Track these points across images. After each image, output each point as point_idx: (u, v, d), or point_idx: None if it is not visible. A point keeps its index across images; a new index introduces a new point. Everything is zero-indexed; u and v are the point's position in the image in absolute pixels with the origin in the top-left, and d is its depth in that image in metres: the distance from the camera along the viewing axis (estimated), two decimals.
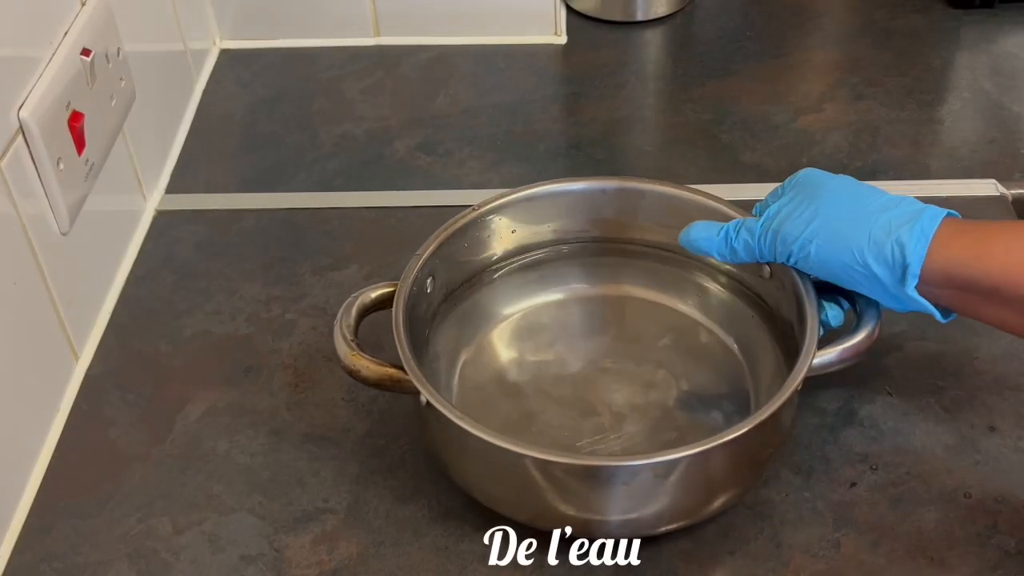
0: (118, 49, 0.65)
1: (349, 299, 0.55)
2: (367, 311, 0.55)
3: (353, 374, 0.53)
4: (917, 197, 0.53)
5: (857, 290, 0.53)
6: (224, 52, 0.86)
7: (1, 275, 0.54)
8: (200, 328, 0.64)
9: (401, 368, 0.52)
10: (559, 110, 0.80)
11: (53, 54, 0.58)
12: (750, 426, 0.48)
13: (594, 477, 0.50)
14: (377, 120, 0.79)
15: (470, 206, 0.60)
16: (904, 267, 0.50)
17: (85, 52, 0.61)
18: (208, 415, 0.60)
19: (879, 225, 0.50)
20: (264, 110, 0.81)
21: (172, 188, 0.74)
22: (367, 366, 0.52)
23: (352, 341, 0.53)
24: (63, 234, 0.60)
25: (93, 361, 0.63)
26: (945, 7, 0.88)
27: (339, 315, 0.54)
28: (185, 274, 0.68)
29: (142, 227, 0.71)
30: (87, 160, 0.61)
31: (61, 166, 0.58)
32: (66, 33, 0.60)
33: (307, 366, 0.62)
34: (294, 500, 0.55)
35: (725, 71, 0.83)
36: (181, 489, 0.56)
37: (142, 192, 0.71)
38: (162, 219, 0.72)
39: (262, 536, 0.54)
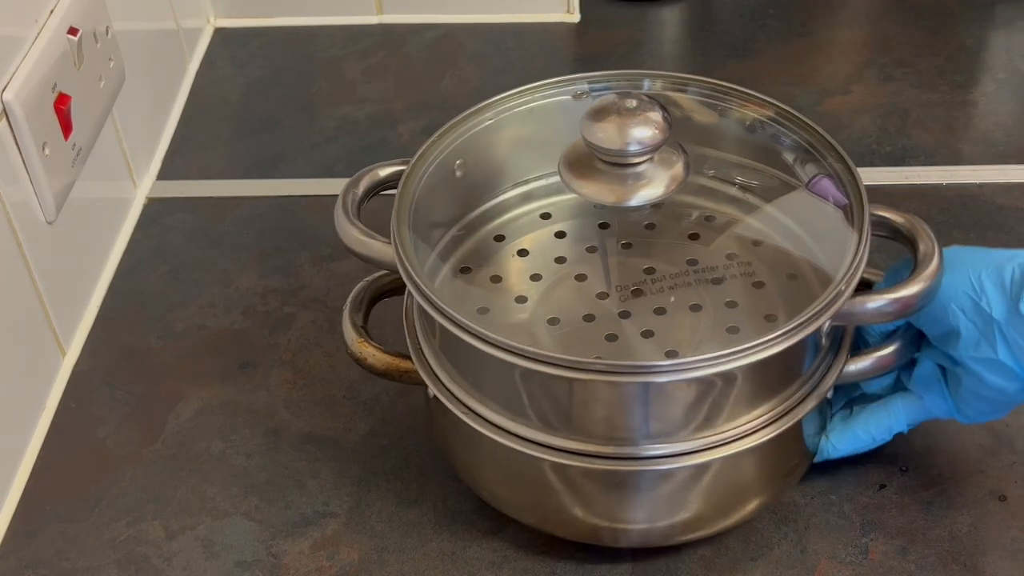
0: (107, 28, 0.65)
1: (359, 285, 0.53)
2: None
3: (360, 362, 0.51)
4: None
5: (945, 333, 0.48)
6: (218, 31, 0.86)
7: None
8: (193, 322, 0.64)
9: (408, 357, 0.50)
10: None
11: (38, 33, 0.58)
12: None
13: (617, 481, 0.47)
14: (380, 103, 0.78)
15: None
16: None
17: (72, 31, 0.60)
18: (202, 414, 0.59)
19: (1003, 255, 0.47)
20: (260, 92, 0.80)
21: (164, 174, 0.74)
22: (373, 354, 0.51)
23: (360, 327, 0.52)
24: (49, 223, 0.59)
25: (81, 357, 0.62)
26: None
27: (348, 302, 0.53)
28: (177, 265, 0.67)
29: (132, 215, 0.70)
30: (74, 145, 0.61)
31: (47, 151, 0.57)
32: (52, 11, 0.59)
33: (306, 362, 0.61)
34: (292, 503, 0.54)
35: (747, 51, 0.82)
36: (173, 492, 0.55)
37: (132, 178, 0.71)
38: (153, 207, 0.71)
39: (259, 541, 0.53)
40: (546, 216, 0.57)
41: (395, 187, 0.52)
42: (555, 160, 0.50)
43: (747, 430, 0.47)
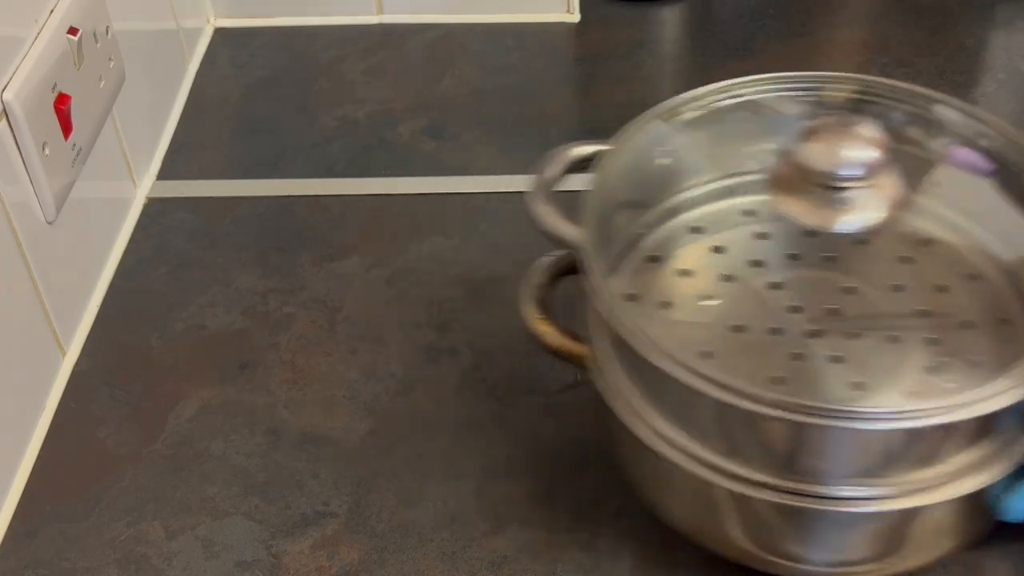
0: (107, 28, 0.65)
1: (545, 260, 0.51)
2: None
3: (534, 338, 0.50)
4: None
5: None
6: (219, 31, 0.86)
7: None
8: (193, 322, 0.64)
9: (580, 340, 0.49)
10: (572, 92, 0.80)
11: (38, 33, 0.58)
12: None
13: (773, 510, 0.45)
14: (380, 102, 0.78)
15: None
16: None
17: (72, 31, 0.60)
18: (202, 413, 0.59)
19: None
20: (261, 92, 0.80)
21: (164, 174, 0.74)
22: (549, 331, 0.49)
23: (539, 305, 0.50)
24: (49, 223, 0.59)
25: (80, 356, 0.62)
26: None
27: (530, 277, 0.51)
28: (177, 265, 0.67)
29: (132, 215, 0.70)
30: (74, 145, 0.60)
31: (47, 151, 0.57)
32: (52, 11, 0.59)
33: (306, 362, 0.61)
34: (292, 503, 0.54)
35: (747, 50, 0.82)
36: (173, 492, 0.55)
37: (132, 178, 0.71)
38: (153, 207, 0.71)
39: (259, 541, 0.53)
40: (749, 213, 0.53)
41: (587, 170, 0.49)
42: (764, 158, 0.48)
43: (918, 486, 0.44)
